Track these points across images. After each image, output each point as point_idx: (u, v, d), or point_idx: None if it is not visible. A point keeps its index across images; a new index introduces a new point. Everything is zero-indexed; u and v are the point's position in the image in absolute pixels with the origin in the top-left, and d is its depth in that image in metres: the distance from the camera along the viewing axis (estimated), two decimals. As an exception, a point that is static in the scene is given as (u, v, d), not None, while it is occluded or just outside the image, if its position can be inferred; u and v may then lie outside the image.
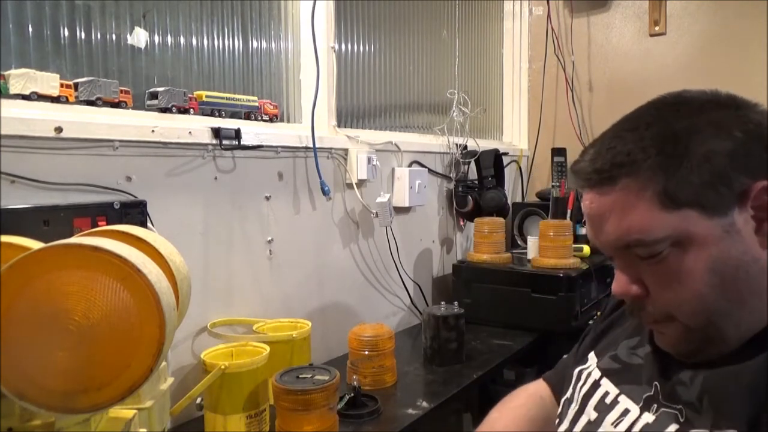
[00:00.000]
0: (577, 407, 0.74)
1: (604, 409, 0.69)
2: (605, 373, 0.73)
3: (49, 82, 0.96)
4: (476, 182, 1.97)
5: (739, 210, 0.57)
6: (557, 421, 0.78)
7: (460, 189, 1.94)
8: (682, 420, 0.60)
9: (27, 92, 0.93)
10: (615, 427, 0.66)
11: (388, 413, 1.14)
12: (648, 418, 0.63)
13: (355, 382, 1.15)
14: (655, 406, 0.63)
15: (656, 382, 0.65)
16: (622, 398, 0.68)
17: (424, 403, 1.18)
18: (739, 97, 0.63)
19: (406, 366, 1.39)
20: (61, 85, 0.98)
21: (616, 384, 0.70)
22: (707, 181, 0.57)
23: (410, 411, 1.15)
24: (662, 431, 0.60)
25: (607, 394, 0.70)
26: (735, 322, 0.59)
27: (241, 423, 1.01)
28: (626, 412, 0.66)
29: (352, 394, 1.12)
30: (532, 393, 0.95)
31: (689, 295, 0.59)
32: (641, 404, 0.65)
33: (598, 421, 0.69)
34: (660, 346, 0.66)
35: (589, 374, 0.76)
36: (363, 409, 1.12)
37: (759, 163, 0.57)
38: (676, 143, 0.58)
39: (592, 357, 0.79)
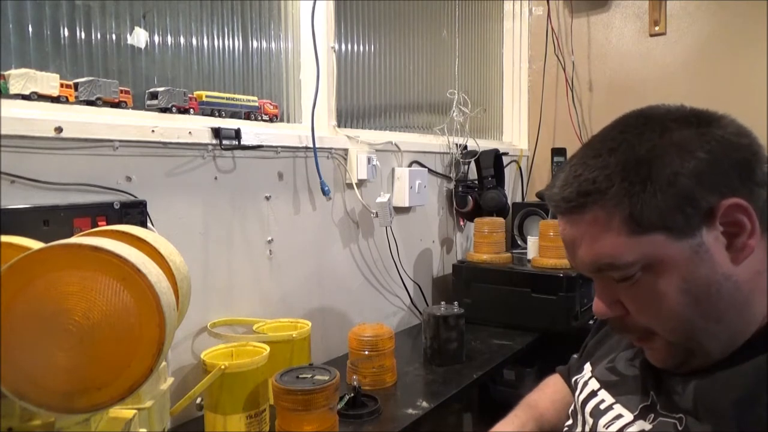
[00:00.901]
0: (578, 415, 0.76)
1: (597, 413, 0.71)
2: (604, 385, 0.74)
3: (49, 82, 0.96)
4: (476, 182, 1.97)
5: (707, 229, 0.58)
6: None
7: (460, 189, 1.94)
8: (681, 428, 0.60)
9: (27, 92, 0.93)
10: (607, 428, 0.68)
11: (388, 413, 1.14)
12: (643, 425, 0.64)
13: (355, 382, 1.15)
14: (652, 415, 0.64)
15: (652, 392, 0.66)
16: (617, 406, 0.70)
17: (424, 403, 1.18)
18: (704, 113, 0.62)
19: (406, 366, 1.39)
20: (61, 85, 0.98)
21: (613, 395, 0.71)
22: (672, 204, 0.57)
23: (410, 411, 1.15)
24: None
25: (602, 401, 0.72)
26: (714, 336, 0.60)
27: (241, 423, 1.01)
28: (619, 416, 0.68)
29: (352, 394, 1.12)
30: (560, 380, 0.99)
31: (665, 314, 0.60)
32: (636, 413, 0.66)
33: (593, 425, 0.71)
34: (650, 361, 0.67)
35: (586, 383, 0.77)
36: (363, 409, 1.12)
37: (724, 181, 0.58)
38: (640, 168, 0.58)
39: (587, 367, 0.80)
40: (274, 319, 1.28)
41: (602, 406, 0.71)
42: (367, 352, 1.25)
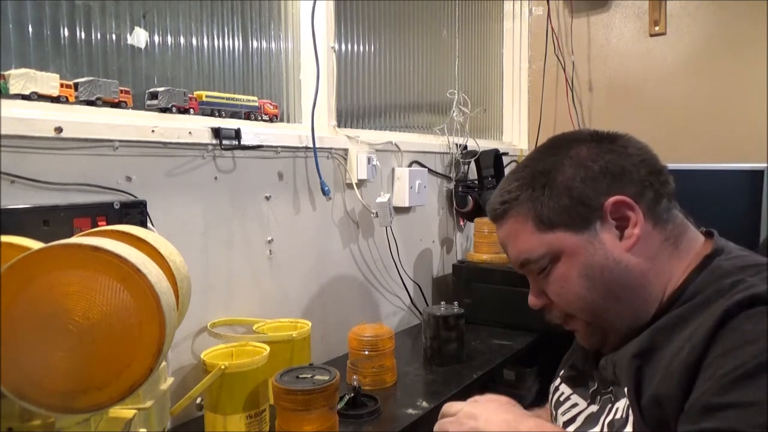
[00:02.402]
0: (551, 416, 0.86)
1: (558, 405, 0.82)
2: (564, 380, 0.85)
3: (49, 82, 0.96)
4: (476, 182, 1.97)
5: (601, 223, 0.71)
6: None
7: (460, 189, 1.94)
8: (614, 399, 0.70)
9: (27, 92, 0.93)
10: (563, 416, 0.79)
11: (388, 413, 1.14)
12: (593, 408, 0.75)
13: (355, 382, 1.15)
14: (599, 397, 0.75)
15: (595, 376, 0.77)
16: (574, 396, 0.80)
17: (424, 403, 1.18)
18: (604, 134, 0.76)
19: (406, 366, 1.39)
20: (61, 85, 0.98)
21: (571, 387, 0.82)
22: (567, 205, 0.71)
23: (410, 411, 1.14)
24: (604, 415, 0.71)
25: (562, 394, 0.83)
26: (617, 315, 0.72)
27: (241, 423, 1.01)
28: (575, 405, 0.79)
29: (352, 394, 1.12)
30: None
31: (572, 297, 0.73)
32: (589, 399, 0.77)
33: (555, 416, 0.82)
34: (581, 344, 0.80)
35: (556, 387, 0.86)
36: (363, 409, 1.12)
37: (611, 184, 0.70)
38: (542, 177, 0.73)
39: (559, 373, 0.89)
40: (274, 319, 1.28)
41: (562, 398, 0.82)
42: (367, 352, 1.25)
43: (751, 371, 0.54)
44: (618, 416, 0.68)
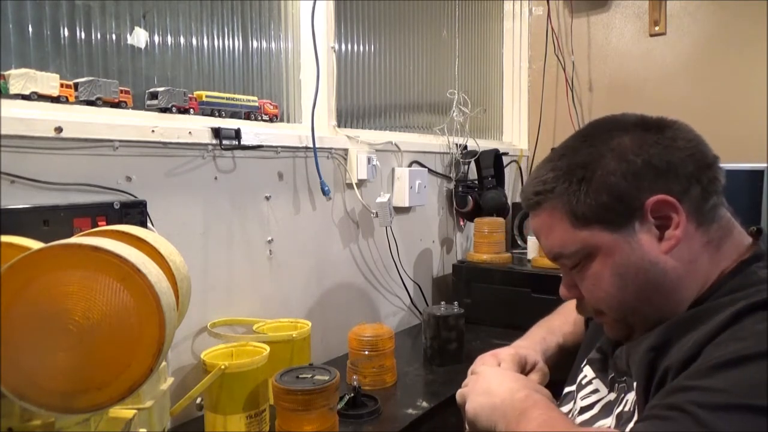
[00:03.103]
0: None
1: (580, 387, 0.82)
2: (589, 362, 0.84)
3: (49, 82, 0.96)
4: (476, 182, 1.97)
5: (640, 222, 0.67)
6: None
7: (460, 189, 1.94)
8: (627, 388, 0.70)
9: (27, 92, 0.93)
10: (582, 401, 0.79)
11: (388, 413, 1.14)
12: (611, 396, 0.74)
13: (355, 382, 1.15)
14: (616, 384, 0.74)
15: (614, 365, 0.76)
16: (596, 381, 0.79)
17: (424, 403, 1.18)
18: (652, 120, 0.71)
19: (406, 366, 1.39)
20: (61, 85, 0.98)
21: (594, 371, 0.81)
22: (605, 202, 0.67)
23: (410, 411, 1.14)
24: (617, 406, 0.71)
25: (585, 376, 0.82)
26: (646, 317, 0.70)
27: (241, 423, 1.01)
28: (596, 391, 0.78)
29: (352, 394, 1.12)
30: None
31: (604, 294, 0.71)
32: (608, 386, 0.76)
33: (575, 396, 0.82)
34: (607, 335, 0.78)
35: (581, 368, 0.85)
36: (363, 409, 1.12)
37: (655, 181, 0.66)
38: (578, 171, 0.69)
39: (585, 350, 0.88)
40: (274, 319, 1.28)
41: (584, 381, 0.81)
42: (367, 352, 1.25)
43: (727, 362, 0.54)
44: (627, 408, 0.68)
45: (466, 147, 1.99)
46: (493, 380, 0.80)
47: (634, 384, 0.66)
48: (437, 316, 1.40)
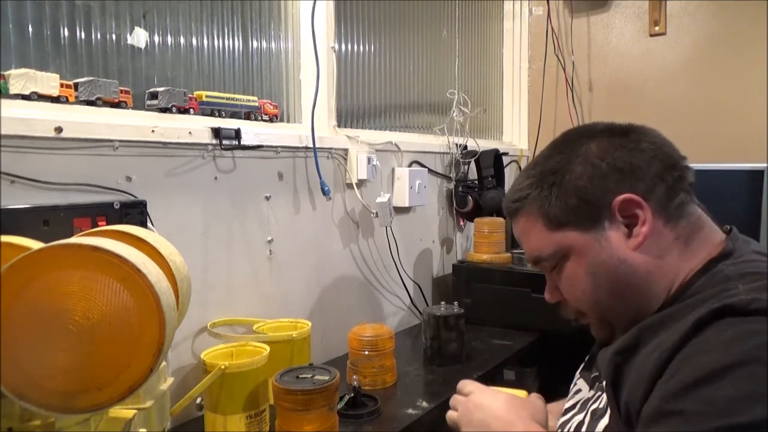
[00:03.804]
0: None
1: (569, 393, 0.84)
2: (581, 368, 0.86)
3: (49, 82, 0.96)
4: (476, 182, 1.97)
5: (610, 222, 0.70)
6: None
7: (460, 189, 1.94)
8: (603, 388, 0.71)
9: (27, 92, 0.93)
10: (567, 403, 0.81)
11: (388, 413, 1.14)
12: (589, 394, 0.77)
13: (355, 382, 1.15)
14: (597, 383, 0.76)
15: (595, 363, 0.78)
16: (580, 382, 0.82)
17: (424, 403, 1.18)
18: (618, 127, 0.74)
19: (406, 366, 1.39)
20: (61, 85, 0.98)
21: (581, 371, 0.84)
22: (575, 205, 0.71)
23: (410, 411, 1.14)
24: (592, 402, 0.73)
25: (575, 383, 0.84)
26: (622, 312, 0.72)
27: (241, 423, 1.01)
28: (579, 391, 0.81)
29: (352, 394, 1.12)
30: None
31: (581, 294, 0.74)
32: (590, 384, 0.79)
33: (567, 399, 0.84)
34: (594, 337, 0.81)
35: (576, 375, 0.87)
36: (363, 409, 1.12)
37: (621, 182, 0.69)
38: (551, 176, 0.73)
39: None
40: (274, 319, 1.28)
41: (573, 386, 0.84)
42: (367, 352, 1.25)
43: (701, 380, 0.54)
44: (601, 405, 0.70)
45: (466, 147, 1.99)
46: (487, 411, 0.81)
47: (604, 384, 0.69)
48: (437, 316, 1.40)
